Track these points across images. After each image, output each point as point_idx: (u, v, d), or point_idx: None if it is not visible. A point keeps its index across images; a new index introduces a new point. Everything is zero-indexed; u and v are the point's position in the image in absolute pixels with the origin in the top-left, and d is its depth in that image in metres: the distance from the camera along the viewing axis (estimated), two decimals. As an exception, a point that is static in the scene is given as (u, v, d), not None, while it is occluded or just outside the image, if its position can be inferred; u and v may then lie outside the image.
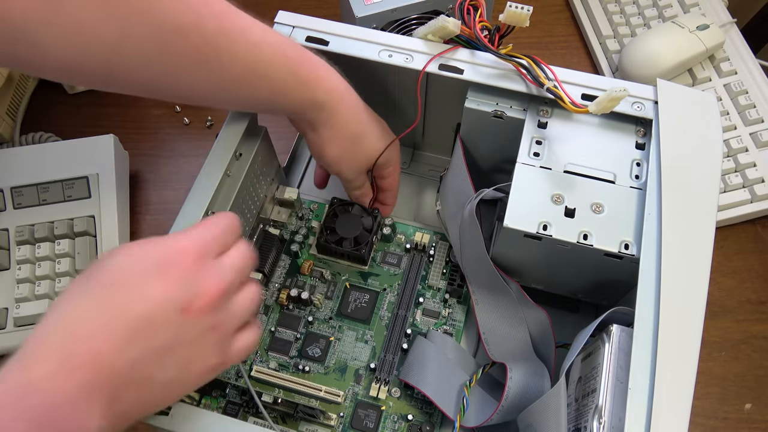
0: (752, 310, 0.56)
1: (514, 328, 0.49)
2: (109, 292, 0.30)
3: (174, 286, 0.31)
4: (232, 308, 0.34)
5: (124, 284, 0.30)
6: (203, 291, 0.32)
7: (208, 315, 0.32)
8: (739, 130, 0.61)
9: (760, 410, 0.52)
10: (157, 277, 0.31)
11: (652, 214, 0.40)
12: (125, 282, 0.30)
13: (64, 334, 0.29)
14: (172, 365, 0.31)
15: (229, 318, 0.34)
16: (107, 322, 0.29)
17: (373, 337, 0.52)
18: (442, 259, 0.55)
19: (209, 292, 0.32)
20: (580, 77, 0.46)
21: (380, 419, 0.48)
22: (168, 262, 0.31)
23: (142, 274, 0.31)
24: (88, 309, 0.30)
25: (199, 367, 0.33)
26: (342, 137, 0.46)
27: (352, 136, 0.46)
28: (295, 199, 0.56)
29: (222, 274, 0.33)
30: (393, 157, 0.51)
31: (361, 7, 0.55)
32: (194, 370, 0.33)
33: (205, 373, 0.34)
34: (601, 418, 0.36)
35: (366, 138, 0.47)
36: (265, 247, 0.53)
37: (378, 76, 0.51)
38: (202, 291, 0.32)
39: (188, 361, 0.32)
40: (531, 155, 0.45)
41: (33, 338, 0.29)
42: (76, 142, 0.60)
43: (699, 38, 0.63)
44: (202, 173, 0.45)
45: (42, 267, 0.55)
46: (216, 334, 0.33)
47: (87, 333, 0.29)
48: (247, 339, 0.36)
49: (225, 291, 0.33)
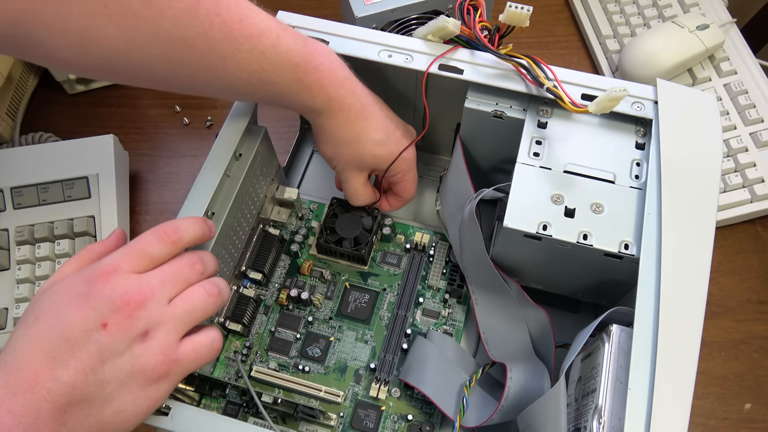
0: (752, 310, 0.56)
1: (514, 328, 0.49)
2: (39, 324, 0.33)
3: (89, 308, 0.33)
4: (167, 312, 0.35)
5: (49, 315, 0.33)
6: (121, 303, 0.33)
7: (132, 323, 0.33)
8: (739, 130, 0.61)
9: (759, 410, 0.52)
10: (76, 303, 0.33)
11: (652, 214, 0.40)
12: (50, 312, 0.33)
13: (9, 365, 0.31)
14: (111, 380, 0.33)
15: (165, 321, 0.34)
16: (37, 351, 0.32)
17: (373, 337, 0.52)
18: (442, 259, 0.55)
19: (127, 302, 0.33)
20: (580, 77, 0.46)
21: (380, 419, 0.48)
22: (88, 287, 0.33)
23: (65, 302, 0.33)
24: (25, 340, 0.32)
25: (144, 375, 0.34)
26: (334, 139, 0.47)
27: (344, 140, 0.47)
28: (295, 199, 0.56)
29: (140, 285, 0.34)
30: (401, 167, 0.50)
31: (361, 7, 0.55)
32: (140, 378, 0.34)
33: (156, 379, 0.34)
34: (601, 418, 0.36)
35: (358, 144, 0.47)
36: (265, 247, 0.53)
37: (378, 77, 0.51)
38: (120, 303, 0.33)
39: (128, 372, 0.33)
40: (531, 155, 0.45)
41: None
42: (76, 142, 0.60)
43: (699, 38, 0.63)
44: (202, 173, 0.45)
45: (42, 267, 0.55)
46: (151, 339, 0.34)
47: (25, 362, 0.31)
48: (198, 340, 0.37)
49: (145, 299, 0.34)
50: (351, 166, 0.49)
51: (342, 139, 0.47)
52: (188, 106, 0.68)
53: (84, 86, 0.68)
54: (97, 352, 0.32)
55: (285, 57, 0.41)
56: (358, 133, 0.46)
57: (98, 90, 0.69)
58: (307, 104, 0.44)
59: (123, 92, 0.69)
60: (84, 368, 0.32)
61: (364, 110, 0.46)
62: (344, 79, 0.45)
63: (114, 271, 0.34)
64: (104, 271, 0.34)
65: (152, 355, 0.34)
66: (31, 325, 0.33)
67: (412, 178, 0.52)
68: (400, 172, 0.51)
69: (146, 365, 0.34)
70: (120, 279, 0.34)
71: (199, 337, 0.37)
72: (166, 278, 0.35)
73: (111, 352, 0.32)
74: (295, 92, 0.43)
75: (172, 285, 0.35)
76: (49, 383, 0.31)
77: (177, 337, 0.35)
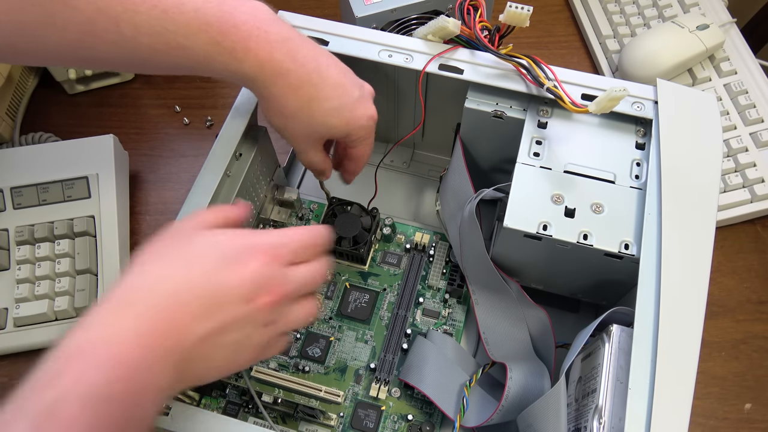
0: (752, 310, 0.56)
1: (514, 328, 0.49)
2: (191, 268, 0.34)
3: (245, 280, 0.34)
4: (286, 315, 0.37)
5: (205, 265, 0.34)
6: (266, 291, 0.35)
7: (265, 313, 0.35)
8: (739, 130, 0.61)
9: (759, 410, 0.52)
10: (234, 267, 0.34)
11: (652, 214, 0.40)
12: (206, 263, 0.34)
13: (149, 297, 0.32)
14: (229, 346, 0.35)
15: (281, 322, 0.37)
16: (186, 295, 0.33)
17: (373, 337, 0.52)
18: (442, 259, 0.55)
19: (271, 293, 0.35)
20: (580, 77, 0.46)
21: (380, 419, 0.48)
22: (244, 256, 0.35)
23: (222, 260, 0.34)
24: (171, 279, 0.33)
25: (246, 355, 0.36)
26: (280, 109, 0.43)
27: (291, 110, 0.42)
28: (295, 199, 0.56)
29: (285, 283, 0.36)
30: (358, 134, 0.45)
31: (361, 7, 0.55)
32: (242, 356, 0.36)
33: (247, 362, 0.37)
34: (601, 418, 0.36)
35: (308, 113, 0.43)
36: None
37: (378, 76, 0.51)
38: (266, 291, 0.35)
39: (240, 347, 0.35)
40: (531, 155, 0.45)
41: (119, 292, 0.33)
42: (76, 142, 0.60)
43: (699, 38, 0.63)
44: (202, 173, 0.45)
45: (42, 267, 0.55)
46: (267, 331, 0.36)
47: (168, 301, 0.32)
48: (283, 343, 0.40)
49: (283, 297, 0.36)
50: (302, 138, 0.45)
51: (289, 108, 0.42)
52: (188, 106, 0.68)
53: (84, 86, 0.68)
54: (234, 321, 0.34)
55: (194, 16, 0.37)
56: (307, 101, 0.42)
57: (98, 90, 0.69)
58: (233, 70, 0.40)
59: (123, 92, 0.69)
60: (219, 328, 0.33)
61: (310, 76, 0.41)
62: (281, 41, 0.40)
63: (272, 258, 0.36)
64: (264, 251, 0.36)
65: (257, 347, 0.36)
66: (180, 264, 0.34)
67: (370, 144, 0.48)
68: (358, 138, 0.46)
69: (251, 351, 0.36)
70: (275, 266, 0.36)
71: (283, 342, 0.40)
72: (305, 283, 0.38)
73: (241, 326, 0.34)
74: (214, 57, 0.39)
75: (304, 291, 0.38)
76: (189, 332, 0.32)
77: (286, 335, 0.39)
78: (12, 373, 0.54)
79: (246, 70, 0.40)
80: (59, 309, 0.53)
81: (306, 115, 0.43)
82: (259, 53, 0.39)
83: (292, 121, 0.43)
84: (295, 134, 0.45)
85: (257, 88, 0.42)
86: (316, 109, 0.42)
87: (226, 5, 0.38)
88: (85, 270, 0.55)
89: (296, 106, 0.42)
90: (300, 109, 0.42)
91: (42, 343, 0.53)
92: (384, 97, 0.55)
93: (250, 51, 0.39)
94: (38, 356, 0.29)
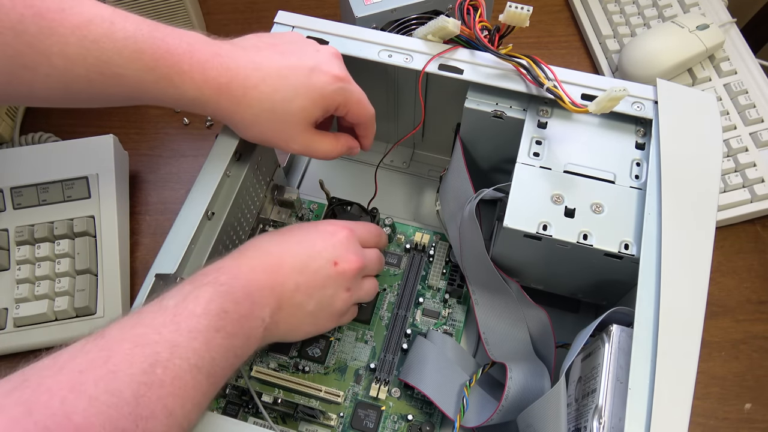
0: (752, 310, 0.56)
1: (514, 328, 0.49)
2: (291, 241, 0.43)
3: (330, 246, 0.43)
4: (359, 286, 0.45)
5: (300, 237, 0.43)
6: (348, 258, 0.43)
7: (346, 279, 0.43)
8: (739, 129, 0.61)
9: (759, 410, 0.52)
10: (321, 237, 0.43)
11: (652, 214, 0.40)
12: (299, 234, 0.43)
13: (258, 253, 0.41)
14: (314, 303, 0.41)
15: (356, 291, 0.44)
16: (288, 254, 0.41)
17: (373, 337, 0.52)
18: (442, 259, 0.55)
19: (352, 261, 0.43)
20: (579, 77, 0.46)
21: (380, 419, 0.48)
22: (329, 231, 0.44)
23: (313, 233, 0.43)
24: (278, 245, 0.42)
25: (325, 315, 0.43)
26: (244, 123, 0.42)
27: (252, 120, 0.41)
28: (295, 200, 0.56)
29: (362, 256, 0.44)
30: (335, 101, 0.43)
31: (361, 7, 0.55)
32: (322, 316, 0.43)
33: (326, 327, 0.44)
34: (601, 418, 0.36)
35: (269, 114, 0.41)
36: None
37: (378, 76, 0.51)
38: (347, 258, 0.43)
39: (323, 305, 0.42)
40: (531, 155, 0.45)
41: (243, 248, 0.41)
42: (76, 142, 0.60)
43: (699, 38, 0.63)
44: (202, 173, 0.45)
45: (42, 267, 0.55)
46: (347, 296, 0.43)
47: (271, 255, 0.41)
48: (353, 314, 0.48)
49: (361, 267, 0.44)
50: (286, 138, 0.43)
51: (248, 119, 0.41)
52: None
53: (84, 86, 0.68)
54: (320, 280, 0.41)
55: (125, 44, 0.37)
56: (259, 103, 0.40)
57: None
58: (174, 96, 0.39)
59: (123, 92, 0.69)
60: (309, 283, 0.41)
61: (249, 79, 0.40)
62: (210, 58, 0.39)
63: (352, 232, 0.44)
64: (345, 225, 0.44)
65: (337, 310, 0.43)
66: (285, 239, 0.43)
67: (357, 100, 0.44)
68: (340, 105, 0.43)
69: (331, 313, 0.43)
70: (354, 240, 0.44)
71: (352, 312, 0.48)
72: (372, 261, 0.46)
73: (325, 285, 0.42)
74: (152, 84, 0.38)
75: (370, 271, 0.46)
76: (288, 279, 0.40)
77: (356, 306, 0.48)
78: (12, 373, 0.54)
79: (187, 93, 0.39)
80: (59, 309, 0.53)
81: (268, 118, 0.41)
82: (194, 75, 0.39)
83: (261, 128, 0.42)
84: (276, 138, 0.43)
85: (209, 110, 0.41)
86: (273, 107, 0.41)
87: (157, 32, 0.38)
88: (85, 270, 0.55)
89: (253, 113, 0.41)
90: (258, 114, 0.41)
91: (42, 343, 0.53)
92: (384, 97, 0.55)
93: (185, 74, 0.38)
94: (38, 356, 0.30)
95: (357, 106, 0.45)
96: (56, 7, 0.35)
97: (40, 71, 0.36)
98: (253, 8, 0.74)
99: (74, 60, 0.36)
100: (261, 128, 0.42)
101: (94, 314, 0.54)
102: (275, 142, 0.44)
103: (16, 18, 0.34)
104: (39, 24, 0.35)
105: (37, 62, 0.36)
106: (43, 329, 0.53)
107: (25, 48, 0.35)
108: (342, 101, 0.43)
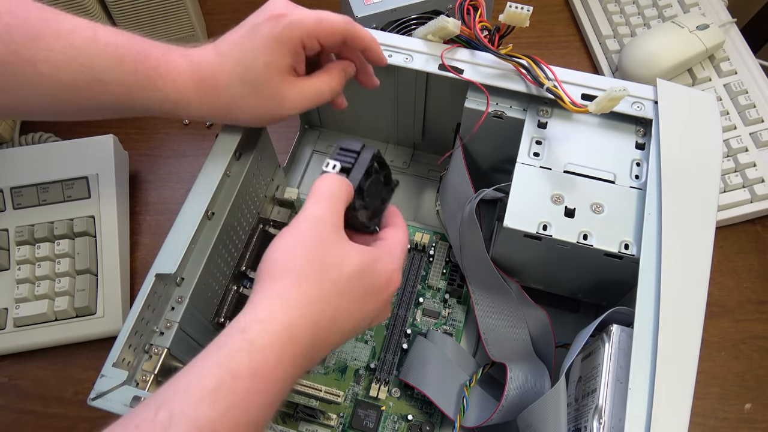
0: (752, 310, 0.56)
1: (514, 328, 0.49)
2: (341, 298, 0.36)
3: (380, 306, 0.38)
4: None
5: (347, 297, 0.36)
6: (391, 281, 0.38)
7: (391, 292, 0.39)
8: (739, 130, 0.61)
9: (759, 410, 0.52)
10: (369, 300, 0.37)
11: (652, 214, 0.40)
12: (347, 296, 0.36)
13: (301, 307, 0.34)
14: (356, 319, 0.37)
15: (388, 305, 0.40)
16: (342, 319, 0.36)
17: (373, 337, 0.52)
18: (442, 259, 0.55)
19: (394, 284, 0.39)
20: (579, 77, 0.46)
21: (380, 419, 0.48)
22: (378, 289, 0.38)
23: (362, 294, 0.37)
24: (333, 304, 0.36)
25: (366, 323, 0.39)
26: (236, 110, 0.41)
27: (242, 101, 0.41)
28: (295, 199, 0.56)
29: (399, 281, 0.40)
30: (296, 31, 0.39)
31: (361, 7, 0.55)
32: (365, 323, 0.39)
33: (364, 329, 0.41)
34: (601, 418, 0.36)
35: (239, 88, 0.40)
36: (265, 248, 0.53)
37: (378, 76, 0.51)
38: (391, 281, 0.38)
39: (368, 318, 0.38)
40: (531, 155, 0.45)
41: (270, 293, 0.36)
42: (76, 142, 0.60)
43: (699, 38, 0.63)
44: (202, 173, 0.45)
45: (42, 267, 0.55)
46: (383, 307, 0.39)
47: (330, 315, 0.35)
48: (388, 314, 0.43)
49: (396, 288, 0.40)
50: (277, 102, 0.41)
51: (234, 104, 0.41)
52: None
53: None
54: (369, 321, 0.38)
55: (106, 50, 0.37)
56: (231, 85, 0.40)
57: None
58: (160, 99, 0.39)
59: (123, 92, 0.69)
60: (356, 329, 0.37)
61: (214, 65, 0.40)
62: (181, 59, 0.40)
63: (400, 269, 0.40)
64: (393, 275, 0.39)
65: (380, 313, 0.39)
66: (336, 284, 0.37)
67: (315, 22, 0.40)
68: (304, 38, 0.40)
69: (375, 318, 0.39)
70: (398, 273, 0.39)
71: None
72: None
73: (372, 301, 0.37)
74: (136, 89, 0.39)
75: None
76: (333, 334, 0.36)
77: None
78: (12, 373, 0.54)
79: (170, 96, 0.39)
80: (59, 309, 0.53)
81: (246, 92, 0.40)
82: (172, 76, 0.39)
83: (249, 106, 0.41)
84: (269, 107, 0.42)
85: (195, 111, 0.41)
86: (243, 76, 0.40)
87: (135, 39, 0.39)
88: (85, 270, 0.55)
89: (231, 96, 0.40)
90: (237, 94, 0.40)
91: (42, 343, 0.53)
92: (384, 97, 0.55)
93: (164, 76, 0.39)
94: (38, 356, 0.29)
95: (318, 27, 0.40)
96: (38, 17, 0.36)
97: (27, 77, 0.37)
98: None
99: (60, 67, 0.37)
100: (249, 106, 0.41)
101: (94, 314, 0.54)
102: (272, 112, 0.42)
103: (2, 28, 0.35)
104: (24, 33, 0.36)
105: (23, 69, 0.36)
106: (43, 329, 0.53)
107: (10, 56, 0.36)
108: (301, 34, 0.40)
